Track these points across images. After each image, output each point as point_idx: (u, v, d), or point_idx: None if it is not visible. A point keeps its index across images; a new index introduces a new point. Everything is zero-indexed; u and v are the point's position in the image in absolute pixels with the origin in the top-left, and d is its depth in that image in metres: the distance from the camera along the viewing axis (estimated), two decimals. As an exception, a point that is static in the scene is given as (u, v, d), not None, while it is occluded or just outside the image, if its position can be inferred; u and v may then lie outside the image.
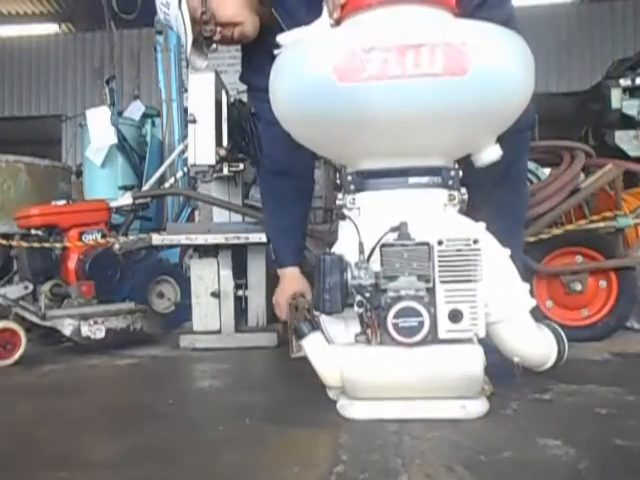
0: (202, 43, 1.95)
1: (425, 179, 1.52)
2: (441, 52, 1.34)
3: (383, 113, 1.40)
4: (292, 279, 2.03)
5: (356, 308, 1.46)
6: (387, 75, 1.35)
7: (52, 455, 1.34)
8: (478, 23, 1.44)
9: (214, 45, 1.98)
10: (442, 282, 1.41)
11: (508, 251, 1.57)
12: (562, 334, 1.66)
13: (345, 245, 1.55)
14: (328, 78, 1.38)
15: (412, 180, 1.52)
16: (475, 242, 1.41)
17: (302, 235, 2.13)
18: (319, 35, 1.53)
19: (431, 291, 1.42)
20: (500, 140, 1.54)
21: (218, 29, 1.88)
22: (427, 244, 1.42)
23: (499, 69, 1.38)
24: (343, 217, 1.58)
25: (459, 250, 1.41)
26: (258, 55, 1.73)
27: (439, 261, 1.41)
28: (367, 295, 1.44)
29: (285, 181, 2.09)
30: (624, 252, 2.61)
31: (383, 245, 1.44)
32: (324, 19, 1.59)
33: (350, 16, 1.50)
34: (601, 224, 2.61)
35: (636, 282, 2.56)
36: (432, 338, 1.41)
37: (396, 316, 1.39)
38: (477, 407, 1.45)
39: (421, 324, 1.38)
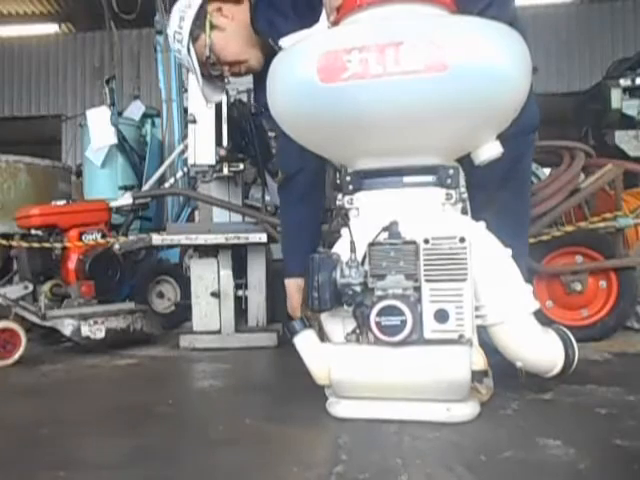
0: (215, 80, 2.10)
1: (420, 178, 1.51)
2: (421, 49, 1.32)
3: (367, 112, 1.40)
4: (296, 290, 2.03)
5: (346, 307, 1.46)
6: (368, 74, 1.35)
7: (52, 455, 1.34)
8: (464, 18, 1.43)
9: (226, 79, 2.14)
10: (428, 281, 1.40)
11: (509, 251, 1.55)
12: (572, 339, 1.60)
13: (344, 244, 1.55)
14: (312, 79, 1.39)
15: (407, 179, 1.51)
16: (462, 241, 1.39)
17: (311, 246, 2.10)
18: (309, 37, 1.53)
19: (418, 290, 1.42)
20: (502, 141, 1.53)
21: (226, 68, 2.02)
22: (414, 243, 1.42)
23: (482, 64, 1.35)
24: (344, 217, 1.58)
25: (445, 249, 1.39)
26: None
27: (425, 260, 1.40)
28: (350, 293, 1.44)
29: (296, 184, 2.11)
30: (624, 252, 2.61)
31: (371, 244, 1.44)
32: (323, 22, 1.60)
33: (345, 18, 1.51)
34: (601, 224, 2.60)
35: (636, 282, 2.56)
36: (418, 338, 1.40)
37: (379, 314, 1.39)
38: (463, 410, 1.42)
39: (404, 323, 1.37)
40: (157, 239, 2.76)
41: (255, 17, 1.93)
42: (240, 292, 2.82)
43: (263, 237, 2.65)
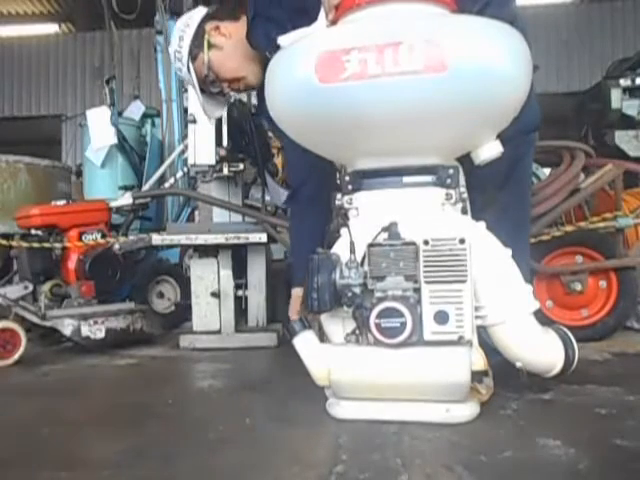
0: (216, 96, 2.14)
1: (420, 178, 1.51)
2: (420, 49, 1.31)
3: (366, 112, 1.39)
4: (297, 298, 2.04)
5: (345, 308, 1.46)
6: (367, 75, 1.34)
7: (52, 455, 1.34)
8: (464, 17, 1.42)
9: (227, 95, 2.20)
10: (427, 282, 1.40)
11: (509, 251, 1.55)
12: (572, 339, 1.60)
13: (343, 245, 1.55)
14: (310, 79, 1.38)
15: (407, 179, 1.51)
16: (461, 242, 1.38)
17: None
18: (308, 37, 1.53)
19: (418, 292, 1.41)
20: (503, 140, 1.52)
21: (225, 85, 2.07)
22: (414, 244, 1.42)
23: (482, 64, 1.34)
24: (343, 217, 1.58)
25: (444, 250, 1.39)
26: None
27: (424, 261, 1.40)
28: (349, 295, 1.44)
29: (303, 196, 2.13)
30: (624, 252, 2.61)
31: (371, 245, 1.44)
32: (321, 20, 1.60)
33: (344, 16, 1.50)
34: (601, 224, 2.60)
35: (636, 282, 2.56)
36: (418, 339, 1.40)
37: (379, 316, 1.39)
38: (462, 411, 1.42)
39: (403, 325, 1.37)
40: (157, 239, 2.76)
41: (252, 31, 1.94)
42: (240, 292, 2.81)
43: (263, 237, 2.65)
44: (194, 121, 2.68)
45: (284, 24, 1.78)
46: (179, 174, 3.77)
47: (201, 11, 2.06)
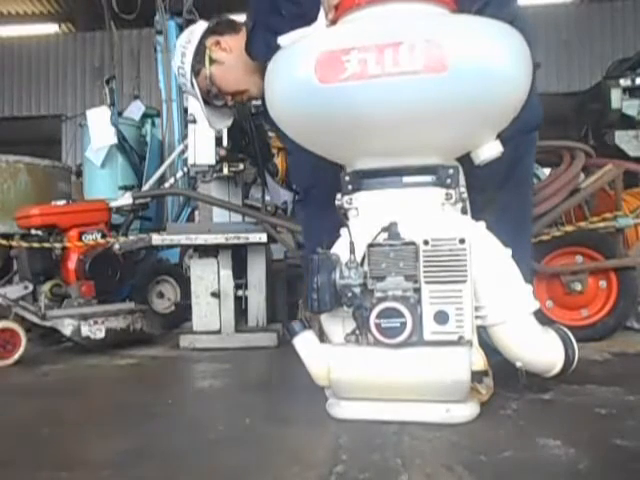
0: (221, 108, 2.20)
1: (420, 178, 1.51)
2: (420, 49, 1.31)
3: (365, 113, 1.39)
4: None
5: (345, 308, 1.46)
6: (366, 75, 1.34)
7: (52, 455, 1.34)
8: (464, 17, 1.42)
9: (232, 108, 2.26)
10: (427, 283, 1.40)
11: (509, 251, 1.55)
12: (572, 339, 1.60)
13: (343, 245, 1.55)
14: (310, 79, 1.38)
15: (407, 179, 1.51)
16: (461, 242, 1.38)
17: None
18: (307, 37, 1.53)
19: (418, 292, 1.41)
20: (503, 140, 1.52)
21: (228, 98, 2.12)
22: (414, 244, 1.42)
23: (481, 64, 1.34)
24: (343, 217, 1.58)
25: (444, 250, 1.39)
26: None
27: (424, 261, 1.40)
28: (349, 295, 1.44)
29: (313, 200, 2.13)
30: (624, 252, 2.61)
31: (370, 245, 1.44)
32: (321, 20, 1.60)
33: (343, 16, 1.50)
34: (601, 224, 2.60)
35: (636, 282, 2.56)
36: (418, 340, 1.40)
37: (378, 316, 1.39)
38: (462, 411, 1.42)
39: (403, 325, 1.37)
40: (157, 239, 2.76)
41: (252, 41, 1.95)
42: (240, 292, 2.81)
43: (263, 237, 2.65)
44: (194, 121, 2.68)
45: (284, 32, 1.78)
46: (179, 174, 3.78)
47: (202, 26, 2.08)
